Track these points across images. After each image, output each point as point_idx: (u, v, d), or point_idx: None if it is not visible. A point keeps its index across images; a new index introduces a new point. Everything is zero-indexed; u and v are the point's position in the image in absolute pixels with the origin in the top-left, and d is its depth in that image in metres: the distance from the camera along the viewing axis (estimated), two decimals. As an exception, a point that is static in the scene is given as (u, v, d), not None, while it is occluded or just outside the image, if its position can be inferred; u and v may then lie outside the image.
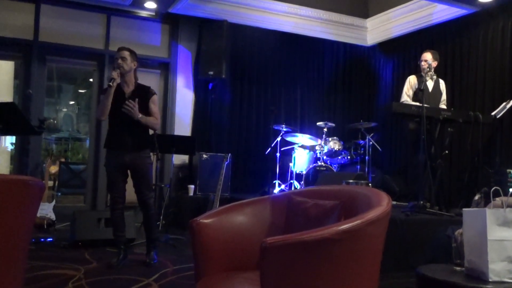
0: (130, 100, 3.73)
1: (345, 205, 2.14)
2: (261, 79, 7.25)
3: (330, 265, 1.67)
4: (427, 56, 5.11)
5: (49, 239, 4.68)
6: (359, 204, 2.07)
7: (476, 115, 4.74)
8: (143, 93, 3.91)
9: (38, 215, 5.06)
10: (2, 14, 5.91)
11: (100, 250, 4.41)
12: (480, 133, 4.88)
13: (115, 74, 3.75)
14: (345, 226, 1.67)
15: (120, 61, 3.81)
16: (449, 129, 4.82)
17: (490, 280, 2.07)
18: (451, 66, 6.27)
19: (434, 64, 5.09)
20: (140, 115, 3.76)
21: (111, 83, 3.71)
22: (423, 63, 5.09)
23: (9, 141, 7.76)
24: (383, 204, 1.87)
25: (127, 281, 3.34)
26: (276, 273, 1.62)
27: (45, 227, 5.10)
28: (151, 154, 4.07)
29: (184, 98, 6.87)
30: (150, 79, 6.53)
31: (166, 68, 6.85)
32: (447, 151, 4.83)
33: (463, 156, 5.87)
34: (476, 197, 4.63)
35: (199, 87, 6.89)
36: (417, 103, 4.74)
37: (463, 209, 2.35)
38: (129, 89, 3.89)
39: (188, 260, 3.90)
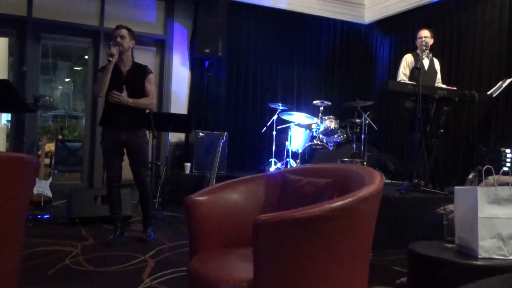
0: (113, 91, 3.71)
1: (338, 183, 2.15)
2: (257, 57, 7.20)
3: (323, 241, 1.69)
4: (425, 33, 5.08)
5: (46, 216, 4.71)
6: (352, 182, 2.09)
7: (472, 94, 4.74)
8: (139, 72, 3.89)
9: (35, 192, 5.08)
10: (-6, -10, 5.83)
11: (96, 227, 4.46)
12: (476, 112, 4.89)
13: (114, 50, 3.71)
14: (337, 203, 1.69)
15: (119, 39, 3.78)
16: (444, 108, 4.82)
17: (479, 256, 2.11)
18: (449, 44, 6.24)
19: (431, 41, 5.07)
20: (130, 100, 3.75)
21: (111, 58, 3.69)
22: (421, 39, 5.06)
23: (5, 118, 7.74)
24: (375, 182, 1.88)
25: (124, 258, 3.38)
26: (269, 250, 1.64)
27: (42, 204, 5.11)
28: (147, 132, 4.07)
29: (180, 76, 6.84)
30: (146, 57, 6.48)
31: (161, 46, 6.79)
32: (442, 130, 4.85)
33: (459, 134, 5.90)
34: (470, 176, 4.68)
35: (195, 65, 6.85)
36: (413, 82, 4.73)
37: (455, 187, 2.37)
38: (125, 68, 3.87)
39: (184, 237, 3.94)
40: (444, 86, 5.15)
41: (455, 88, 5.06)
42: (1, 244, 1.91)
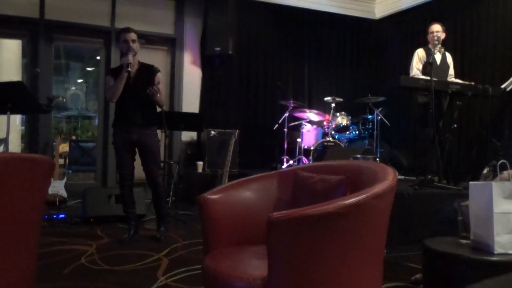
0: (155, 86, 3.77)
1: (351, 180, 2.14)
2: (268, 54, 7.20)
3: (336, 238, 1.69)
4: (437, 27, 5.03)
5: (61, 216, 4.76)
6: (365, 178, 2.08)
7: (485, 88, 4.68)
8: (148, 72, 3.93)
9: (50, 192, 5.15)
10: (7, -7, 5.90)
11: (111, 226, 4.50)
12: (489, 106, 4.84)
13: (131, 58, 3.76)
14: (350, 200, 1.68)
15: (131, 43, 3.83)
16: (458, 102, 4.78)
17: (495, 252, 2.09)
18: (461, 38, 6.18)
19: (443, 36, 5.02)
20: (158, 95, 3.81)
21: (130, 69, 3.75)
22: (432, 34, 5.01)
23: (19, 120, 7.81)
24: (388, 178, 1.87)
25: (138, 256, 3.41)
26: (282, 247, 1.64)
27: (57, 204, 5.18)
28: (159, 131, 4.10)
29: (192, 74, 6.86)
30: (157, 56, 6.52)
31: (172, 45, 6.82)
32: (455, 125, 4.80)
33: (472, 129, 5.84)
34: (485, 171, 4.61)
35: (206, 63, 6.87)
36: (426, 77, 4.69)
37: (470, 182, 2.35)
38: (133, 68, 3.90)
39: (198, 235, 3.95)
40: (457, 80, 5.10)
41: (468, 82, 5.01)
42: (17, 242, 1.94)
